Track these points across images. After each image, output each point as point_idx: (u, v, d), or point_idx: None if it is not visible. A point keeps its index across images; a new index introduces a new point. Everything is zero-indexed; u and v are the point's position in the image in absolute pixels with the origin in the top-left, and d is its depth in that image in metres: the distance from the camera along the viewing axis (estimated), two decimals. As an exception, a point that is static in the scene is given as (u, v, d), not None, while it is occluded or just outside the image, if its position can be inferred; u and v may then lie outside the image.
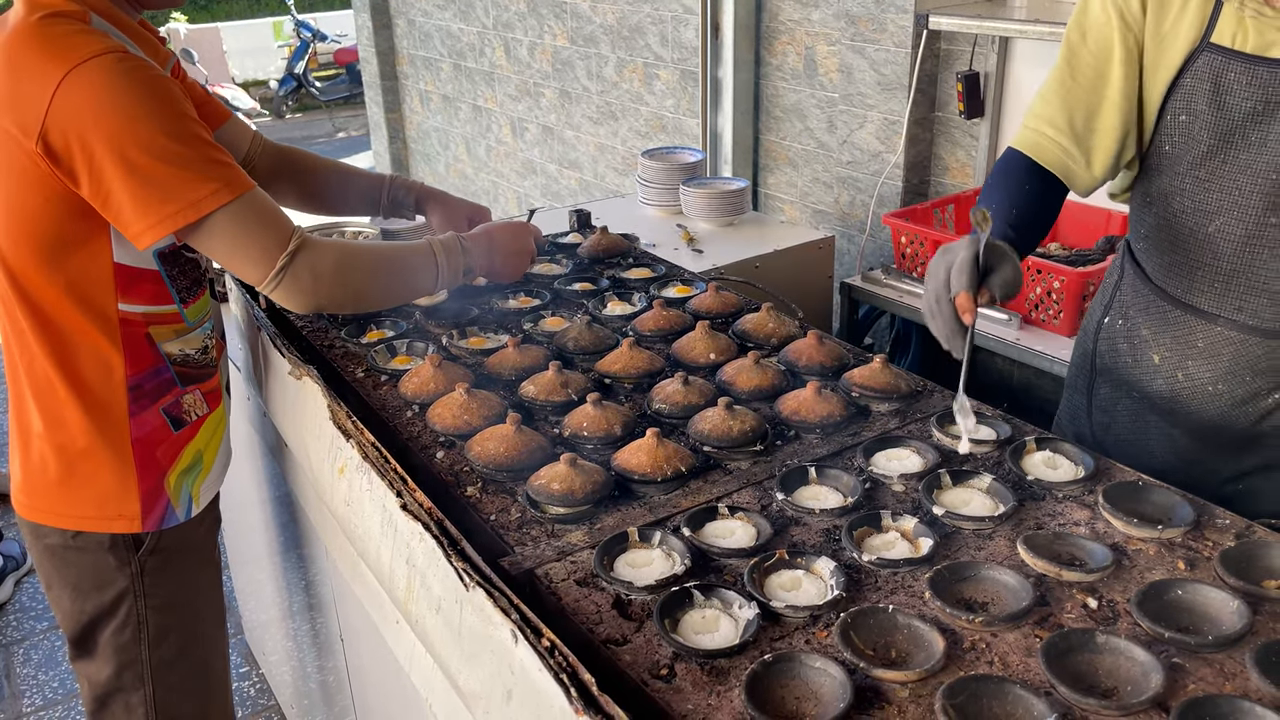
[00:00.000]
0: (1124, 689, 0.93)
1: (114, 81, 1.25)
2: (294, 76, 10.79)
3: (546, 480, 1.25)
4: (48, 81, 1.24)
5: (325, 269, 1.41)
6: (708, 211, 2.88)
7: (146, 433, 1.50)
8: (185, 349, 1.53)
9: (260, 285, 1.38)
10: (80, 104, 1.24)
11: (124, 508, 1.49)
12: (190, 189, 1.29)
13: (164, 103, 1.29)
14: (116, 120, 1.25)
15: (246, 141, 1.78)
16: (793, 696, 0.94)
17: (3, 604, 3.14)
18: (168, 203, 1.28)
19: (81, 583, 1.52)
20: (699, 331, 1.63)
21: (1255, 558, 1.09)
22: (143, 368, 1.48)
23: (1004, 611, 1.02)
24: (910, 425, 1.43)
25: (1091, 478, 1.26)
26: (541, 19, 4.71)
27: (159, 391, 1.51)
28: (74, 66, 1.24)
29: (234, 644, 2.88)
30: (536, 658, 0.94)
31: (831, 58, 3.24)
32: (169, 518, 1.54)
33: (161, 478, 1.52)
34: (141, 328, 1.46)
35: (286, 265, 1.36)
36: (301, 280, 1.38)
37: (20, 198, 1.33)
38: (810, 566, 1.12)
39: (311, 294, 1.41)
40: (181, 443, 1.55)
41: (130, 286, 1.43)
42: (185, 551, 1.59)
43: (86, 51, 1.25)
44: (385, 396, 1.57)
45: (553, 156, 4.99)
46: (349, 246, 1.48)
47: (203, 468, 1.60)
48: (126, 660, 1.56)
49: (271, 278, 1.37)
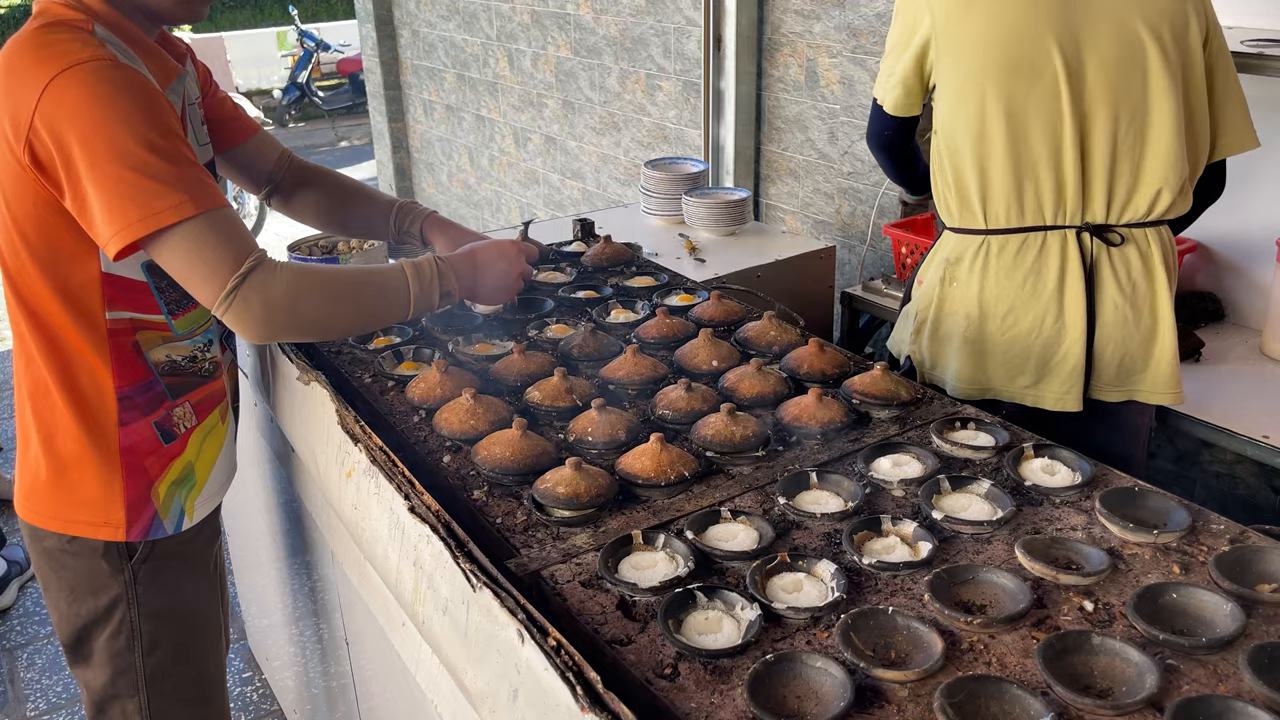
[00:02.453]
0: (1119, 689, 0.95)
1: (96, 87, 1.25)
2: (297, 86, 10.84)
3: (552, 484, 1.27)
4: (36, 85, 1.24)
5: (277, 295, 1.33)
6: (710, 221, 2.90)
7: (135, 442, 1.48)
8: (172, 355, 1.50)
9: (212, 308, 1.32)
10: (61, 108, 1.24)
11: (109, 515, 1.48)
12: (153, 200, 1.26)
13: (144, 111, 1.27)
14: (93, 126, 1.24)
15: (274, 156, 1.78)
16: (794, 695, 0.96)
17: (7, 609, 3.16)
18: (129, 211, 1.25)
19: (77, 587, 1.52)
20: (702, 339, 1.65)
21: (1249, 562, 1.11)
22: (132, 380, 1.46)
23: (1002, 613, 1.04)
24: (910, 432, 1.45)
25: (1088, 483, 1.28)
26: (545, 30, 4.75)
27: (150, 405, 1.49)
28: (60, 71, 1.24)
29: (237, 649, 2.89)
30: (543, 657, 0.95)
31: (833, 70, 3.27)
32: (155, 529, 1.52)
33: (148, 488, 1.51)
34: (129, 335, 1.45)
35: (236, 288, 1.30)
36: (251, 305, 1.31)
37: (16, 203, 1.34)
38: (811, 569, 1.13)
39: (263, 321, 1.33)
40: (171, 455, 1.53)
41: (118, 296, 1.42)
42: (180, 561, 1.58)
43: (75, 57, 1.25)
44: (392, 402, 1.59)
45: (555, 166, 5.01)
46: (309, 270, 1.41)
47: (195, 481, 1.57)
48: (121, 667, 1.56)
49: (221, 299, 1.30)
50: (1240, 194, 2.34)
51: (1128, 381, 1.82)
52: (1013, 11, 1.69)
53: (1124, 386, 1.83)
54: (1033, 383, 1.82)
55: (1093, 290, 1.76)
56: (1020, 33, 1.68)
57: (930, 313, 1.89)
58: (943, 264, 1.87)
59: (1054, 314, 1.77)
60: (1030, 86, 1.69)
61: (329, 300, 1.41)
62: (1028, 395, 1.83)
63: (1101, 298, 1.77)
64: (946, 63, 1.75)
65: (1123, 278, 1.77)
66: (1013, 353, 1.81)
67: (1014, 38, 1.68)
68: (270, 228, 7.05)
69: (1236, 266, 2.41)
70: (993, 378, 1.85)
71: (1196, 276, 2.48)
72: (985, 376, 1.85)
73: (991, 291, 1.80)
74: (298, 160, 1.83)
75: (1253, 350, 2.30)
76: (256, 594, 2.61)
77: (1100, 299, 1.77)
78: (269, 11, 15.31)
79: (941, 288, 1.87)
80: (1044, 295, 1.77)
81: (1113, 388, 1.83)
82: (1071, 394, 1.80)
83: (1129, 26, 1.68)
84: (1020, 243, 1.77)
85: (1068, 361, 1.79)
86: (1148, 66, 1.69)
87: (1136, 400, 1.84)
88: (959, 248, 1.84)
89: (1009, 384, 1.84)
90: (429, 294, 1.50)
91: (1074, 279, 1.75)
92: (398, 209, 1.83)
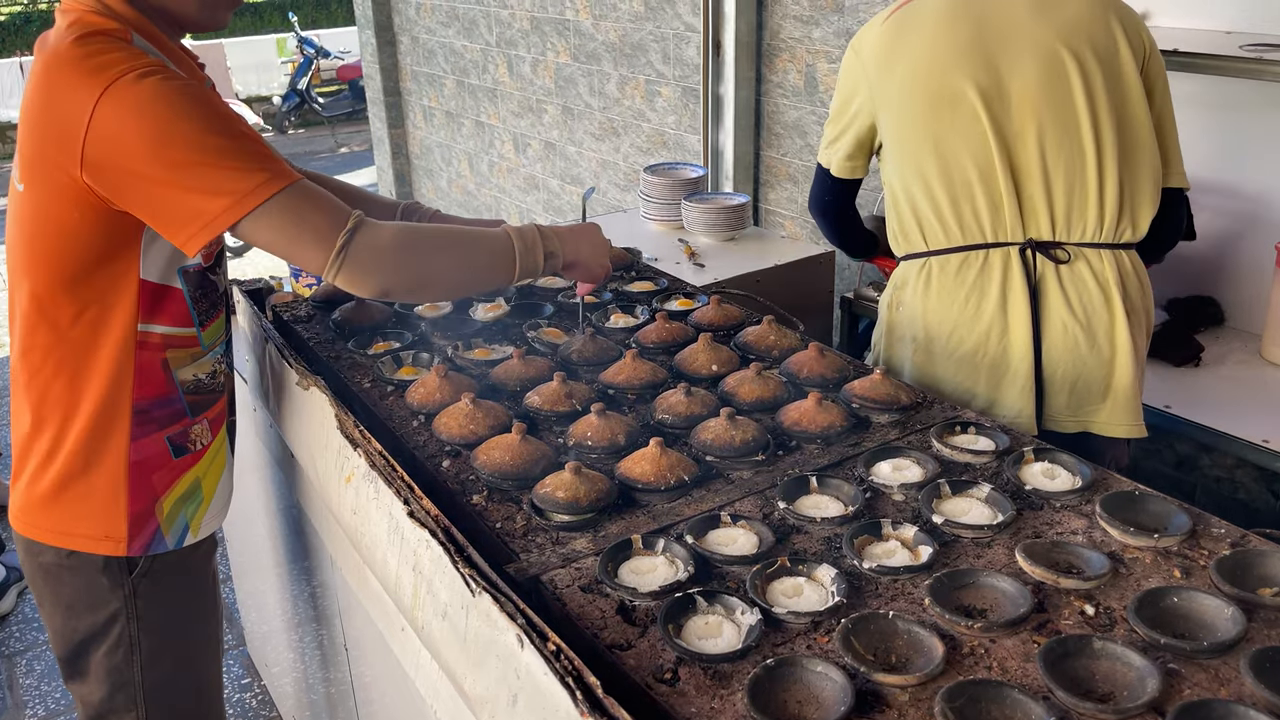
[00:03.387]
0: (1120, 694, 0.94)
1: (156, 92, 1.26)
2: (297, 92, 10.85)
3: (552, 488, 1.26)
4: (87, 99, 1.25)
5: (386, 246, 1.35)
6: (709, 226, 2.90)
7: (145, 457, 1.48)
8: (198, 374, 1.51)
9: (323, 271, 1.33)
10: (121, 118, 1.25)
11: (112, 529, 1.47)
12: (239, 182, 1.27)
13: (204, 105, 1.29)
14: (159, 127, 1.25)
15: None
16: (794, 700, 0.96)
17: (6, 615, 3.15)
18: (215, 200, 1.27)
19: (75, 603, 1.51)
20: (701, 343, 1.65)
21: (1250, 565, 1.11)
22: (153, 393, 1.46)
23: (1002, 618, 1.04)
24: (910, 436, 1.45)
25: (1089, 487, 1.28)
26: (544, 36, 4.76)
27: (168, 420, 1.49)
28: (112, 82, 1.25)
29: (236, 656, 2.88)
30: (543, 661, 0.95)
31: (832, 75, 3.28)
32: (157, 544, 1.51)
33: (154, 502, 1.50)
34: (159, 352, 1.45)
35: (345, 245, 1.32)
36: (363, 260, 1.33)
37: (58, 216, 1.33)
38: (812, 573, 1.13)
39: (376, 272, 1.35)
40: (181, 469, 1.52)
41: (154, 305, 1.43)
42: (179, 575, 1.57)
43: (125, 67, 1.26)
44: (392, 407, 1.59)
45: (555, 172, 5.02)
46: (413, 226, 1.43)
47: (203, 498, 1.57)
48: (119, 682, 1.54)
49: (332, 260, 1.32)
50: (1241, 197, 2.34)
51: (1081, 411, 1.78)
52: (929, 53, 1.75)
53: (1078, 416, 1.79)
54: (986, 405, 1.79)
55: (1038, 307, 1.75)
56: (938, 69, 1.74)
57: (882, 342, 1.93)
58: (890, 289, 1.91)
59: (999, 331, 1.76)
60: (952, 115, 1.74)
61: (435, 253, 1.41)
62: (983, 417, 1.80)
63: (1048, 315, 1.75)
64: (883, 115, 1.83)
65: (1073, 298, 1.74)
66: (962, 373, 1.80)
67: (935, 75, 1.74)
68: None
69: (1236, 271, 2.42)
70: (947, 398, 1.82)
71: (1196, 280, 2.48)
72: (940, 397, 1.84)
73: (935, 313, 1.80)
74: (296, 168, 1.82)
75: (1253, 354, 2.30)
76: (256, 599, 2.61)
77: (1046, 316, 1.75)
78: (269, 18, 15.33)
79: (889, 313, 1.91)
80: (987, 312, 1.76)
81: (1067, 417, 1.79)
82: (1023, 415, 1.77)
83: (1049, 48, 1.71)
84: (961, 261, 1.77)
85: (1017, 379, 1.76)
86: (1071, 86, 1.71)
87: (1093, 432, 1.79)
88: (904, 273, 1.87)
89: (964, 406, 1.78)
90: (534, 253, 1.48)
91: (1018, 295, 1.74)
92: (402, 210, 1.84)
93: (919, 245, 1.82)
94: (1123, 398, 1.76)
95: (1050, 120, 1.71)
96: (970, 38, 1.74)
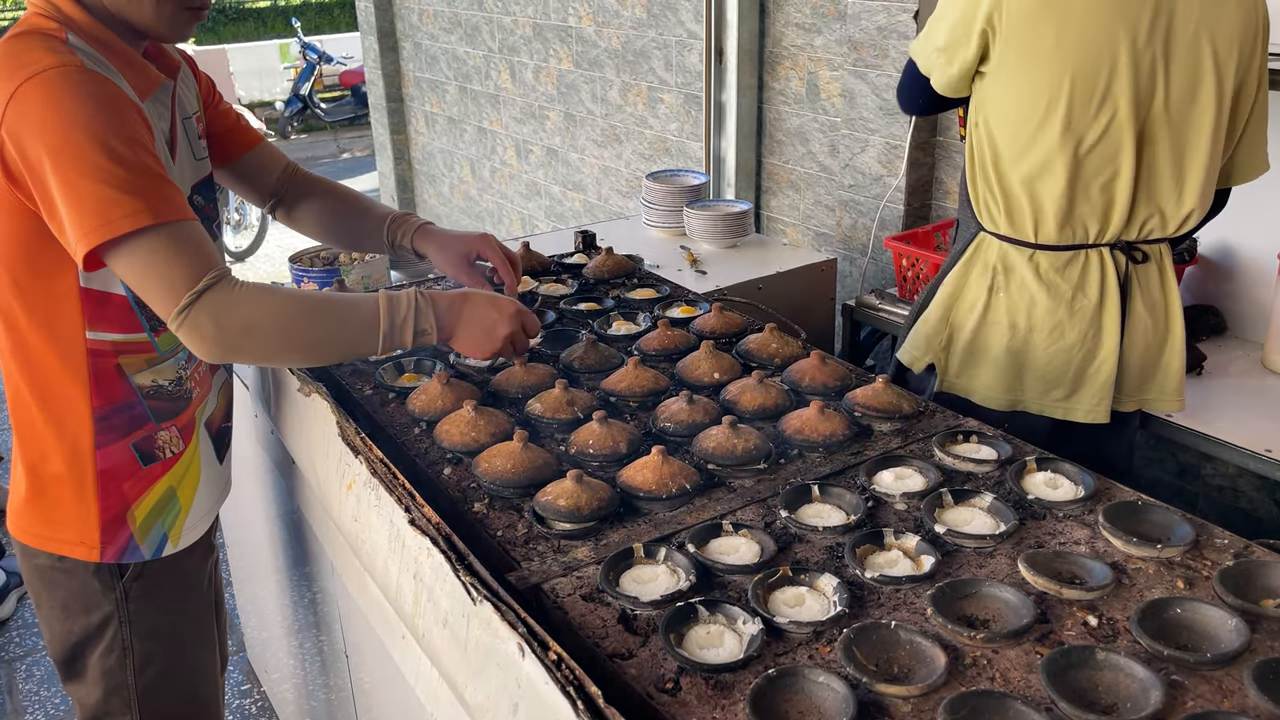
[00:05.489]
0: (1124, 705, 0.94)
1: (59, 94, 1.23)
2: (300, 98, 10.88)
3: (553, 496, 1.26)
4: (3, 96, 1.23)
5: (231, 318, 1.28)
6: (711, 233, 2.90)
7: (113, 465, 1.46)
8: (158, 379, 1.47)
9: (167, 324, 1.28)
10: (26, 116, 1.23)
11: (85, 536, 1.46)
12: (111, 208, 1.22)
13: (106, 116, 1.24)
14: (55, 132, 1.22)
15: (278, 168, 1.76)
16: (796, 710, 0.95)
17: (6, 620, 3.15)
18: (88, 219, 1.22)
19: (70, 604, 1.51)
20: (703, 351, 1.65)
21: (1253, 576, 1.10)
22: (112, 400, 1.43)
23: (1005, 628, 1.04)
24: (912, 445, 1.45)
25: (1092, 497, 1.27)
26: (547, 43, 4.76)
27: (129, 426, 1.46)
28: (26, 79, 1.23)
29: (236, 662, 2.88)
30: (543, 670, 0.95)
31: (834, 83, 3.28)
32: (131, 552, 1.49)
33: (125, 511, 1.48)
34: (111, 359, 1.42)
35: (189, 305, 1.25)
36: (202, 325, 1.26)
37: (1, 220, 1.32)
38: (814, 583, 1.13)
39: (214, 342, 1.28)
40: (151, 478, 1.50)
41: (98, 313, 1.39)
42: (172, 579, 1.56)
43: (40, 65, 1.23)
44: (393, 414, 1.59)
45: (557, 178, 5.02)
46: (271, 293, 1.34)
47: (180, 507, 1.55)
48: (114, 685, 1.54)
49: (174, 316, 1.26)
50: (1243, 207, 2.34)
51: (1140, 391, 1.87)
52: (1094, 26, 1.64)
53: (1137, 396, 1.88)
54: (1066, 396, 1.85)
55: (1125, 305, 1.81)
56: (1095, 57, 1.65)
57: (971, 319, 1.87)
58: (989, 271, 1.85)
59: (1095, 329, 1.80)
60: (1096, 115, 1.69)
61: (287, 327, 1.34)
62: (1059, 408, 1.86)
63: (1131, 312, 1.82)
64: (1014, 62, 1.69)
65: (1146, 292, 1.82)
66: (1053, 367, 1.83)
67: (1089, 64, 1.66)
68: (272, 239, 7.06)
69: (1238, 279, 2.41)
70: (1028, 390, 1.87)
71: (1199, 289, 2.48)
72: (1021, 388, 1.87)
73: (1042, 305, 1.81)
74: (302, 172, 1.81)
75: (1254, 363, 2.30)
76: (256, 606, 2.61)
77: (1131, 313, 1.82)
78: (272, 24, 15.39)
79: (989, 296, 1.85)
80: (1088, 311, 1.80)
81: (1129, 398, 1.87)
82: (1101, 406, 1.83)
83: (1198, 52, 1.67)
84: (1068, 260, 1.79)
85: (1100, 374, 1.82)
86: (1200, 95, 1.70)
87: (1144, 409, 1.89)
88: (1009, 257, 1.83)
89: (1042, 396, 1.86)
90: (401, 330, 1.40)
91: (1112, 295, 1.79)
92: (390, 222, 1.78)
93: (1026, 234, 1.80)
94: (1174, 374, 1.87)
95: (1177, 132, 1.72)
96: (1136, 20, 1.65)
